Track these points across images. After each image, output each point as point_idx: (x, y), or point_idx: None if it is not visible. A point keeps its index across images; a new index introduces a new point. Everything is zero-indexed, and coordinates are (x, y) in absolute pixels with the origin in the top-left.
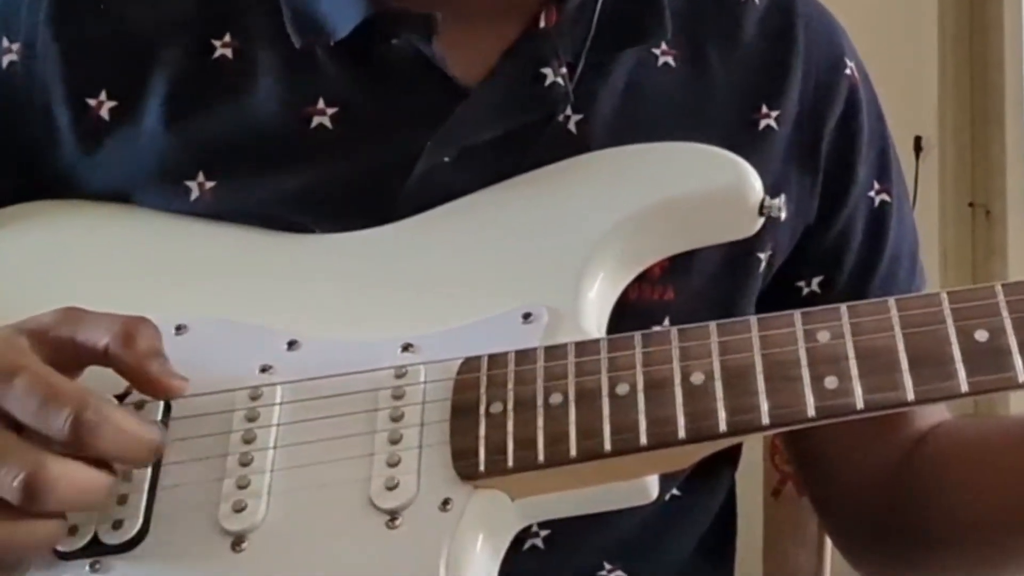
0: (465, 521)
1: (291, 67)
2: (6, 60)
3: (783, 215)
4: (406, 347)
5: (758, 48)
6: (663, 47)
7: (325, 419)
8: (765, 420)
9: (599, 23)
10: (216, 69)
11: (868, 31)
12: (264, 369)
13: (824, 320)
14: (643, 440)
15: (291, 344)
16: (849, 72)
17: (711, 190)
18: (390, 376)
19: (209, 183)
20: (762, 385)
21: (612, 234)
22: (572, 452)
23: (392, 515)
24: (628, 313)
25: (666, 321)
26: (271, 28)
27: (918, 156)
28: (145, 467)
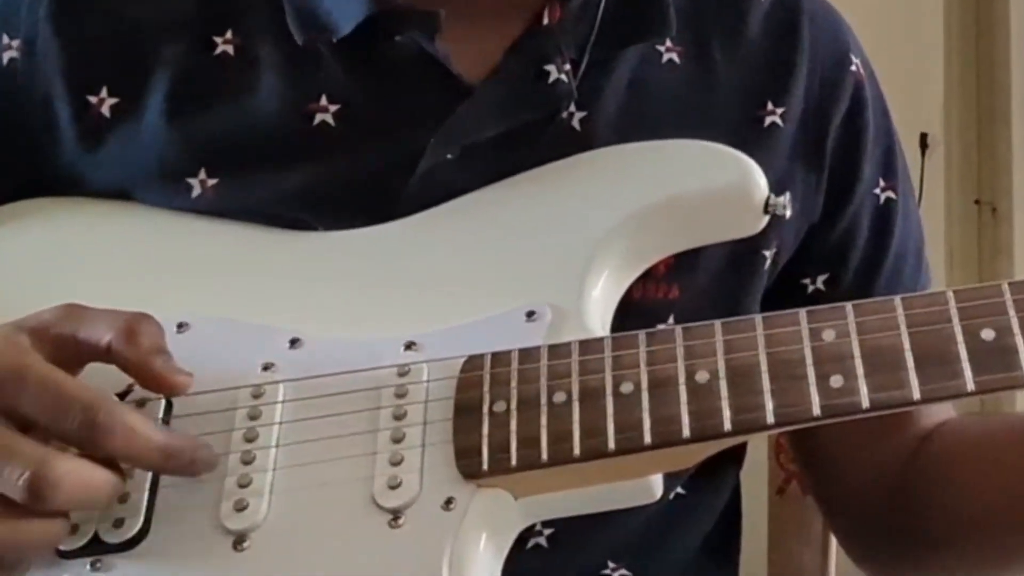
0: (468, 520)
1: (293, 64)
2: (6, 57)
3: (788, 213)
4: (409, 345)
5: (763, 45)
6: (667, 44)
7: (327, 417)
8: (770, 419)
9: (603, 20)
10: (218, 66)
11: (873, 27)
12: (266, 367)
13: (829, 319)
14: (647, 439)
15: (293, 342)
16: (854, 69)
17: (716, 188)
18: (393, 374)
19: (211, 180)
20: (767, 384)
21: (616, 232)
22: (576, 451)
23: (395, 514)
24: (632, 311)
25: (670, 319)
26: (273, 25)
27: (924, 153)
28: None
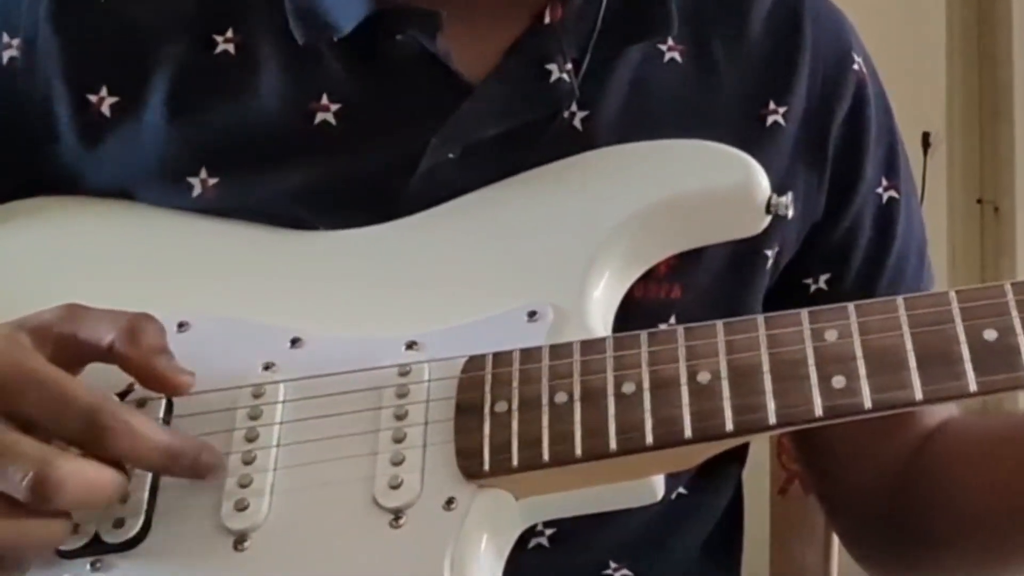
0: (469, 520)
1: (294, 63)
2: (6, 56)
3: (790, 213)
4: (410, 345)
5: (765, 44)
6: (669, 43)
7: (328, 417)
8: (772, 420)
9: (604, 19)
10: (218, 65)
11: (876, 26)
12: (267, 367)
13: (831, 319)
14: (649, 439)
15: (294, 342)
16: (857, 67)
17: (718, 188)
18: (394, 374)
19: (211, 179)
20: (769, 384)
21: (618, 232)
22: (577, 451)
23: (396, 514)
24: (634, 311)
25: (672, 319)
26: (274, 24)
27: (926, 152)
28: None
